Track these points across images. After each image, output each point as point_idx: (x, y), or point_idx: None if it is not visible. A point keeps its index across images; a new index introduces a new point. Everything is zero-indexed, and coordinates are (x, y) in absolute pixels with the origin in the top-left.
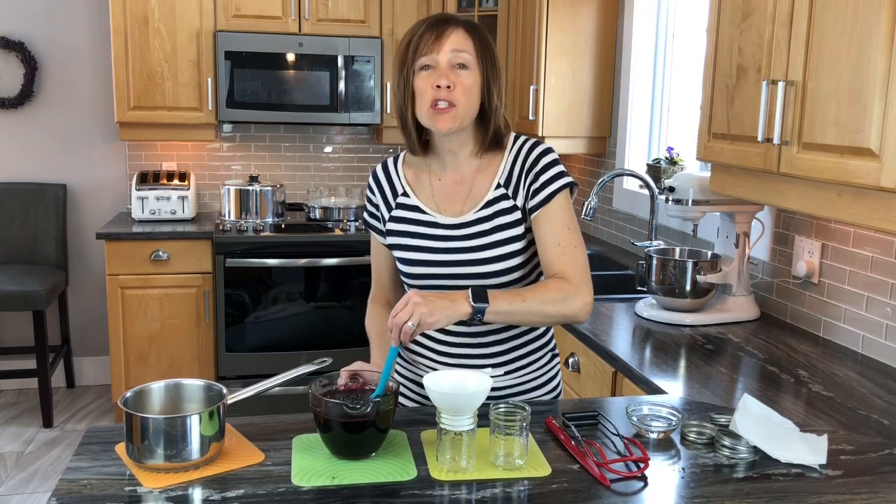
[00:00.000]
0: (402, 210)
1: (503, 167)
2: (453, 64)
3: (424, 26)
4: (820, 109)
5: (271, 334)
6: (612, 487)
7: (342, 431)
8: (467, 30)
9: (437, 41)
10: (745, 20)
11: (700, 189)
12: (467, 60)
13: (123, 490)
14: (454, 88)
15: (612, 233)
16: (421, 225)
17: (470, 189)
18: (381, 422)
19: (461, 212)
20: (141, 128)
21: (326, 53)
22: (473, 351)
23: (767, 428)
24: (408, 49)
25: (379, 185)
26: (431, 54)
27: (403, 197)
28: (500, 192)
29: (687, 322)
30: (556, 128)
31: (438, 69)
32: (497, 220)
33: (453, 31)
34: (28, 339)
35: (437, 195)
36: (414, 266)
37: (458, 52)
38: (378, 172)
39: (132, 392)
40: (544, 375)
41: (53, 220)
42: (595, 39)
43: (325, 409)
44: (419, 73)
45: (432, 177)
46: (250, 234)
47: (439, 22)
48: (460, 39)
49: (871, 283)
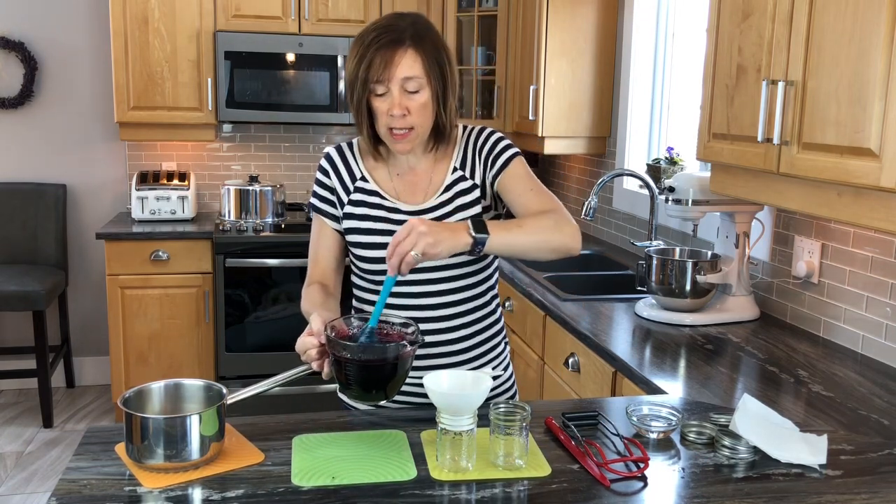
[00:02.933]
0: (362, 194)
1: (457, 152)
2: (405, 89)
3: (373, 47)
4: (820, 109)
5: (271, 334)
6: (612, 487)
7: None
8: (416, 47)
9: (387, 69)
10: (745, 20)
11: (700, 189)
12: (419, 83)
13: (123, 490)
14: (409, 114)
15: (611, 233)
16: (382, 209)
17: (430, 179)
18: (400, 363)
19: (422, 201)
20: (141, 128)
21: (326, 53)
22: (423, 314)
23: (767, 428)
24: (358, 66)
25: (335, 168)
26: (383, 82)
27: (362, 182)
28: (458, 175)
29: (687, 322)
30: (556, 128)
31: (391, 97)
32: (457, 202)
33: (402, 57)
34: (28, 339)
35: (397, 186)
36: (374, 250)
37: (408, 79)
38: (333, 155)
39: (132, 392)
40: (493, 351)
41: (53, 220)
42: (595, 39)
43: (351, 351)
44: (374, 96)
45: (391, 169)
46: (250, 234)
47: (388, 44)
48: (409, 63)
49: (870, 283)
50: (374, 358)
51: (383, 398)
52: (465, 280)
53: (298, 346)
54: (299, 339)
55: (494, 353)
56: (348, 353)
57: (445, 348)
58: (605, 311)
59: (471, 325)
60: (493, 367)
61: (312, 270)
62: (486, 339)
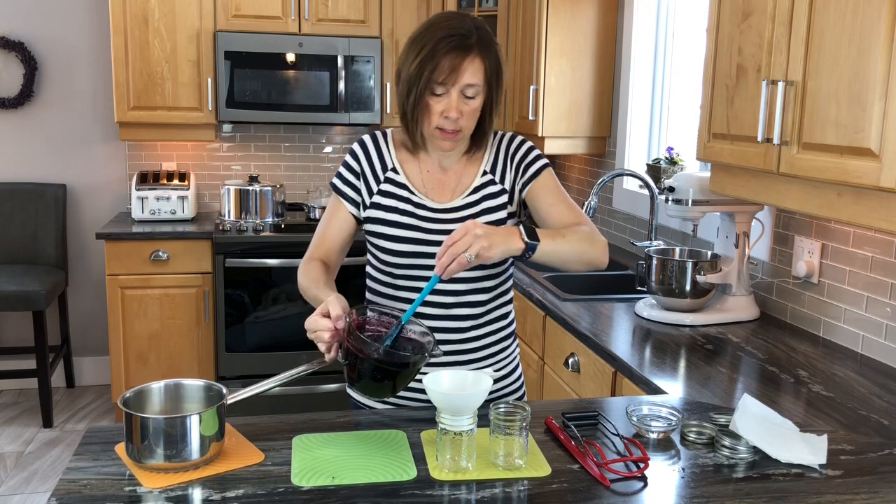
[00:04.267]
0: (391, 186)
1: (488, 156)
2: (463, 94)
3: (443, 50)
4: (820, 109)
5: (271, 334)
6: (611, 487)
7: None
8: (482, 55)
9: (453, 74)
10: (745, 20)
11: (700, 189)
12: (477, 90)
13: (123, 490)
14: (461, 117)
15: (612, 233)
16: (409, 204)
17: (459, 179)
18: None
19: (450, 199)
20: (141, 128)
21: (326, 53)
22: (444, 324)
23: (767, 428)
24: (423, 66)
25: (367, 155)
26: (446, 85)
27: (393, 173)
28: (487, 178)
29: (687, 322)
30: (556, 128)
31: (449, 99)
32: (484, 204)
33: (470, 64)
34: (28, 339)
35: (427, 182)
36: (398, 243)
37: (470, 85)
38: (367, 142)
39: (132, 392)
40: (502, 353)
41: (53, 220)
42: (595, 39)
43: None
44: (430, 95)
45: (422, 165)
46: (250, 234)
47: (457, 49)
48: (474, 71)
49: (870, 283)
50: (394, 361)
51: (388, 396)
52: (484, 283)
53: (309, 324)
54: (311, 318)
55: (502, 356)
56: (374, 352)
57: (454, 346)
58: (605, 311)
59: (483, 327)
60: (497, 369)
61: (317, 247)
62: (495, 341)
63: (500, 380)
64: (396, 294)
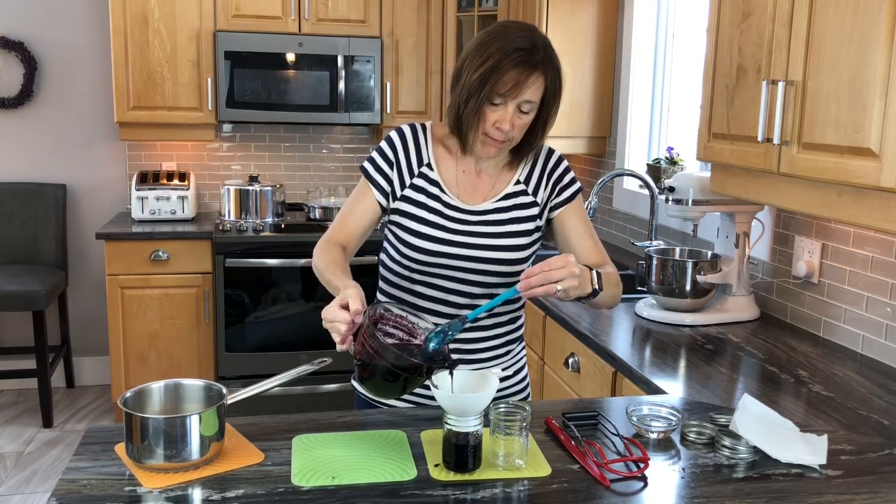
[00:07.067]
0: (424, 181)
1: (523, 166)
2: (519, 108)
3: (510, 62)
4: (820, 109)
5: (271, 334)
6: (612, 487)
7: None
8: (545, 73)
9: (516, 88)
10: (745, 20)
11: (700, 189)
12: (533, 107)
13: (123, 490)
14: (512, 129)
15: (612, 233)
16: (439, 202)
17: (492, 185)
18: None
19: (480, 202)
20: (141, 128)
21: (326, 53)
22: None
23: (767, 428)
24: (486, 76)
25: (405, 146)
26: (505, 97)
27: (427, 168)
28: (520, 188)
29: (687, 322)
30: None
31: (505, 110)
32: (513, 213)
33: (534, 82)
34: (28, 339)
35: (461, 182)
36: (421, 239)
37: (528, 102)
38: (406, 132)
39: (132, 392)
40: (507, 355)
41: (53, 220)
42: (595, 39)
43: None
44: (489, 104)
45: (458, 165)
46: (250, 234)
47: (524, 64)
48: (535, 88)
49: (871, 283)
50: (408, 366)
51: (397, 397)
52: (497, 290)
53: (327, 313)
54: (330, 308)
55: (508, 356)
56: (392, 360)
57: (461, 345)
58: (605, 311)
59: (492, 328)
60: (503, 369)
61: (337, 230)
62: (503, 343)
63: (504, 379)
64: (411, 288)
